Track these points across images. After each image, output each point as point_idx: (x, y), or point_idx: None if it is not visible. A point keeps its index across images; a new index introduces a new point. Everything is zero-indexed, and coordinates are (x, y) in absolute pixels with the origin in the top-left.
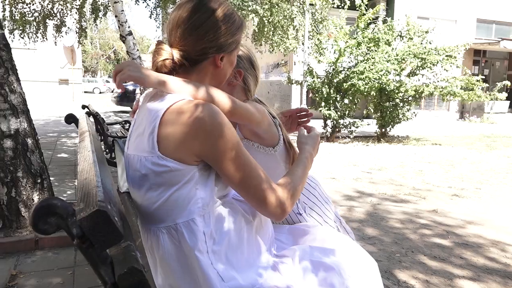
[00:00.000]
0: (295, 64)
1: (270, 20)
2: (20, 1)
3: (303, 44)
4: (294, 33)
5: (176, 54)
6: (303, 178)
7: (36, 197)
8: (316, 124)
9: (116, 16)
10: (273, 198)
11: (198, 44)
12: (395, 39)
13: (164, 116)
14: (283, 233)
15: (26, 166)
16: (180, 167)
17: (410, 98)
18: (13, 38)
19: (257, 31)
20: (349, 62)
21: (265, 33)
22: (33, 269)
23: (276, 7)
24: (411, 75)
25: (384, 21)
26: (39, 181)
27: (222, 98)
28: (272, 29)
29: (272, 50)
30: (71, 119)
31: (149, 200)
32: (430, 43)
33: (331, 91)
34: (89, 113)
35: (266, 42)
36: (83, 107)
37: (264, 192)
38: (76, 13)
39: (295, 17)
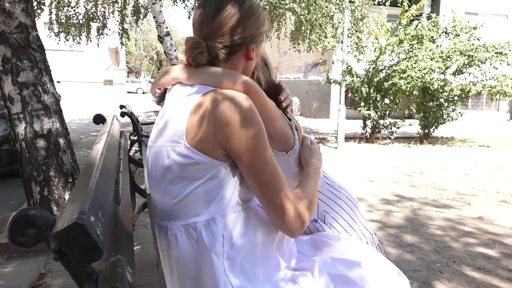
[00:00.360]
0: (333, 63)
1: (307, 19)
2: (65, 4)
3: (342, 42)
4: (333, 31)
5: (212, 46)
6: (316, 191)
7: (67, 196)
8: (355, 125)
9: (154, 17)
10: (292, 208)
11: (234, 34)
12: (440, 36)
13: (196, 105)
14: (304, 244)
15: (58, 166)
16: (206, 160)
17: (455, 98)
18: (59, 40)
19: (294, 30)
20: (390, 60)
21: (302, 31)
22: (61, 268)
23: (314, 5)
24: (457, 73)
25: (429, 17)
26: (70, 180)
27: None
28: (310, 27)
29: (310, 49)
30: (99, 119)
31: (169, 194)
32: (478, 39)
33: (371, 90)
34: (124, 113)
35: (303, 41)
36: (121, 107)
37: (285, 200)
38: (118, 15)
39: (333, 15)
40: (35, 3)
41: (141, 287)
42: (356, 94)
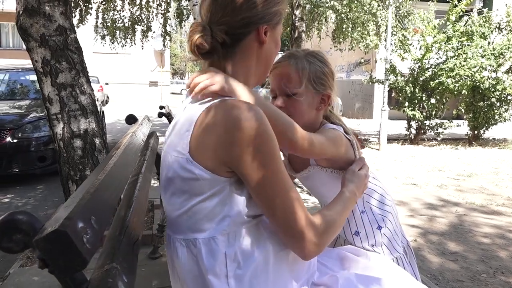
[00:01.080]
0: (377, 62)
1: (349, 17)
2: (111, 8)
3: (385, 40)
4: (376, 29)
5: (215, 29)
6: (343, 215)
7: None
8: (399, 126)
9: (194, 19)
10: (305, 233)
11: (238, 13)
12: (492, 32)
13: (202, 114)
14: (330, 258)
15: (93, 165)
16: (208, 176)
17: (508, 97)
18: (105, 43)
19: (335, 28)
20: (437, 58)
21: (343, 30)
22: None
23: (356, 2)
24: (510, 71)
25: (480, 13)
26: None
27: (302, 136)
28: (351, 25)
29: (351, 48)
30: (131, 119)
31: (172, 206)
32: None
33: (416, 90)
34: (161, 114)
35: (344, 39)
36: (161, 107)
37: (298, 224)
38: (161, 18)
39: (376, 12)
40: (83, 8)
41: None
42: (400, 94)
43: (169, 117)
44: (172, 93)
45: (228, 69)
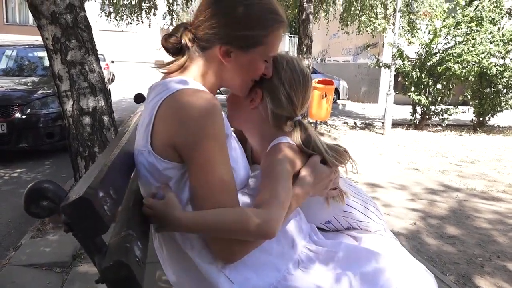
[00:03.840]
0: (384, 46)
1: None
2: None
3: (393, 24)
4: (384, 12)
5: (187, 33)
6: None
7: None
8: (405, 110)
9: None
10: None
11: (205, 26)
12: (502, 17)
13: (161, 106)
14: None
15: (102, 142)
16: (169, 166)
17: None
18: (110, 21)
19: (343, 11)
20: (445, 43)
21: (351, 13)
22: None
23: None
24: None
25: None
26: None
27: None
28: (359, 8)
29: (360, 32)
30: (139, 98)
31: (144, 194)
32: None
33: (423, 75)
34: None
35: (353, 22)
36: None
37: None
38: None
39: None
40: None
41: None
42: (406, 79)
43: None
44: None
45: (190, 67)
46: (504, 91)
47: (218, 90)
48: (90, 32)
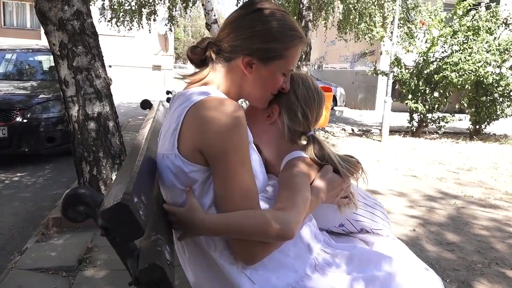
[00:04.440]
0: (382, 54)
1: (356, 7)
2: None
3: (391, 32)
4: (382, 20)
5: (211, 45)
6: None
7: (114, 177)
8: (401, 118)
9: (203, 5)
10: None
11: (229, 38)
12: (498, 27)
13: (187, 114)
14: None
15: (106, 148)
16: (195, 168)
17: (511, 93)
18: (111, 26)
19: (341, 19)
20: (442, 52)
21: (350, 20)
22: (107, 244)
23: None
24: None
25: (488, 7)
26: (117, 161)
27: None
28: (358, 16)
29: (358, 39)
30: (146, 104)
31: (171, 200)
32: None
33: (420, 83)
34: (170, 99)
35: (351, 30)
36: (167, 92)
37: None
38: (168, 1)
39: (384, 3)
40: None
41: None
42: (404, 86)
43: None
44: (175, 78)
45: (213, 79)
46: (500, 99)
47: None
48: (96, 38)
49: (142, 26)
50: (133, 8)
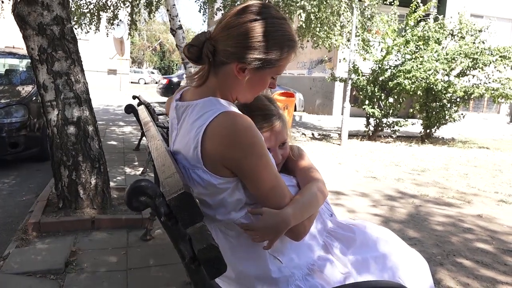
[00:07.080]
0: (340, 61)
1: (317, 16)
2: None
3: (348, 41)
4: (340, 29)
5: (208, 45)
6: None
7: (93, 181)
8: (358, 122)
9: (167, 10)
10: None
11: (226, 43)
12: (446, 37)
13: (207, 130)
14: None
15: (86, 152)
16: (223, 181)
17: (458, 99)
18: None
19: (304, 26)
20: (396, 60)
21: (311, 29)
22: (90, 247)
23: (325, 3)
24: (460, 75)
25: (435, 19)
26: (96, 166)
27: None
28: (319, 25)
29: (317, 46)
30: (130, 109)
31: (199, 200)
32: (483, 42)
33: (376, 89)
34: (140, 103)
35: (312, 38)
36: (134, 97)
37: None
38: (128, 6)
39: (343, 13)
40: None
41: None
42: (361, 92)
43: (149, 106)
44: (131, 82)
45: (211, 80)
46: (448, 105)
47: None
48: (76, 43)
49: (99, 30)
50: (91, 11)
